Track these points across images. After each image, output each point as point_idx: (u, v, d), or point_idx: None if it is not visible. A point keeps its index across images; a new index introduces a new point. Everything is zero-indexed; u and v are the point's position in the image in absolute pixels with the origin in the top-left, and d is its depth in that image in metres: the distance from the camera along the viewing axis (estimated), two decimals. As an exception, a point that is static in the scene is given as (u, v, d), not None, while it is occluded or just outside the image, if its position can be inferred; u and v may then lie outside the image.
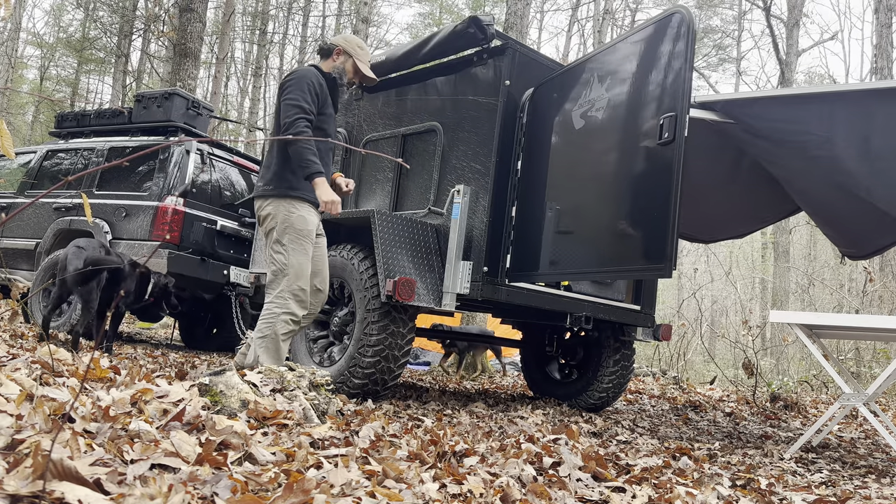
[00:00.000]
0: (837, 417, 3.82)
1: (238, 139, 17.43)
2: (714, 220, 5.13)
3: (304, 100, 3.35)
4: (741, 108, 3.44)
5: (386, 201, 4.28)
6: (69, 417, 1.71)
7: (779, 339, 11.27)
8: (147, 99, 6.74)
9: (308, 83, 3.39)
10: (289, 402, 2.38)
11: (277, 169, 3.45)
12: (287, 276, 3.35)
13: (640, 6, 22.45)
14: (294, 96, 3.35)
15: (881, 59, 12.20)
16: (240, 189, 6.72)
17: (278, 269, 3.37)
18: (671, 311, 17.69)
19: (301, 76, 3.42)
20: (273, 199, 3.43)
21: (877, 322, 3.39)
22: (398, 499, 1.56)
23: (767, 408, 5.77)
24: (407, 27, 27.76)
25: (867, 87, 3.67)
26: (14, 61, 22.17)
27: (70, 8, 25.36)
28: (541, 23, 25.35)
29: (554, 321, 4.45)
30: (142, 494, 1.29)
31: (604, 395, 4.73)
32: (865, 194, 3.42)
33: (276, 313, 3.33)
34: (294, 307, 3.34)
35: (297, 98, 3.34)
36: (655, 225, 3.04)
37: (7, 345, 3.55)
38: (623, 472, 2.41)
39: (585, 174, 3.61)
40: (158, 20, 16.47)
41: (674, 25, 3.09)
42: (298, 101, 3.34)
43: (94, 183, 6.38)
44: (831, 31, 36.35)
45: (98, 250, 4.32)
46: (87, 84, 28.57)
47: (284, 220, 3.39)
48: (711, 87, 22.09)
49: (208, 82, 21.89)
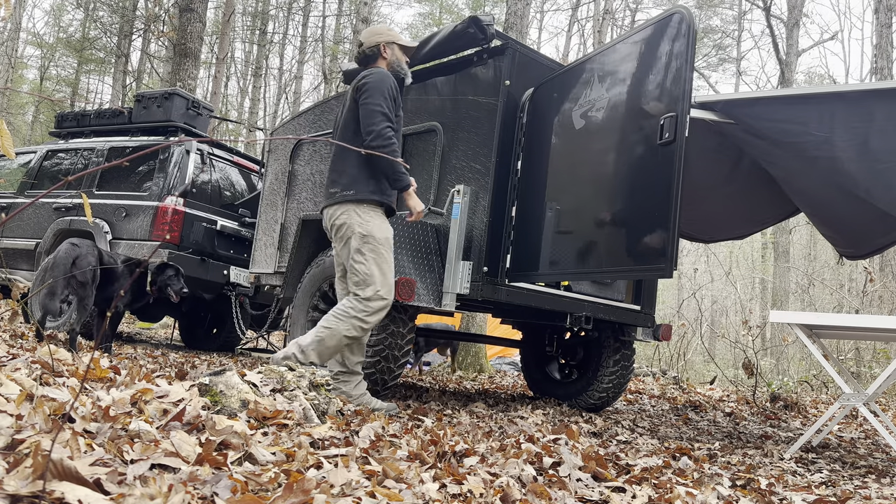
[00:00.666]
0: (837, 417, 3.82)
1: (238, 139, 17.43)
2: (714, 220, 5.13)
3: (387, 106, 3.29)
4: (741, 109, 3.44)
5: (386, 201, 4.28)
6: (69, 417, 1.71)
7: (779, 339, 11.27)
8: (147, 99, 6.74)
9: (388, 87, 3.33)
10: (289, 402, 2.38)
11: (356, 173, 3.37)
12: (371, 285, 3.31)
13: (640, 6, 22.46)
14: (377, 101, 3.27)
15: (881, 59, 12.20)
16: (240, 189, 6.72)
17: (360, 280, 3.31)
18: (671, 311, 17.69)
19: (380, 79, 3.34)
20: (351, 205, 3.35)
21: (877, 322, 3.39)
22: (398, 499, 1.56)
23: (767, 408, 5.77)
24: (407, 27, 27.76)
25: (867, 88, 3.66)
26: (14, 61, 22.18)
27: (70, 8, 25.37)
28: (541, 23, 25.37)
29: (554, 321, 4.45)
30: (142, 494, 1.29)
31: (604, 395, 4.73)
32: (865, 194, 3.42)
33: (350, 314, 3.27)
34: (369, 317, 3.30)
35: (380, 104, 3.27)
36: (656, 225, 3.04)
37: (7, 345, 3.55)
38: (623, 472, 2.41)
39: (585, 174, 3.61)
40: (158, 20, 16.48)
41: (674, 25, 3.09)
42: (382, 108, 3.27)
43: (94, 183, 6.38)
44: (831, 31, 36.38)
45: (90, 249, 4.28)
46: (87, 84, 28.59)
47: (362, 229, 3.34)
48: (711, 87, 22.11)
49: (208, 82, 21.90)
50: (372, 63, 3.52)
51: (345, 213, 3.37)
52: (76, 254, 4.15)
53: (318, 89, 24.79)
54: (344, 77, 4.82)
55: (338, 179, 3.41)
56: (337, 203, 3.40)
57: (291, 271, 4.41)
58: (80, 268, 4.09)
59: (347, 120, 3.45)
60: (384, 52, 3.50)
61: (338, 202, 3.39)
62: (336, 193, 3.41)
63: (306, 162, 4.96)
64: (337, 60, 18.74)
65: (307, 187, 4.90)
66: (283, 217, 5.03)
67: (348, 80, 4.74)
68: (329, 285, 4.13)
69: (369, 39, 3.53)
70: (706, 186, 4.53)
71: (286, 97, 25.48)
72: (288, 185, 5.06)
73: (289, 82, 25.49)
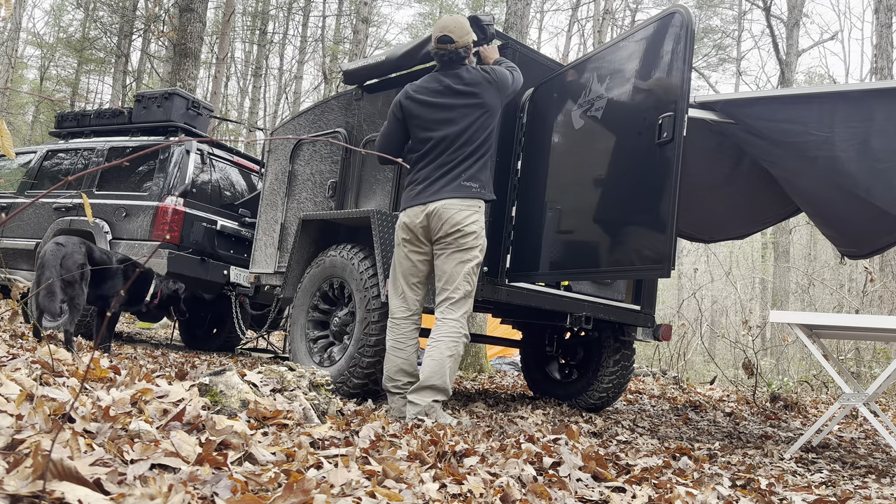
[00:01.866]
0: (837, 417, 3.82)
1: (238, 139, 17.43)
2: (714, 220, 5.13)
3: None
4: (741, 108, 3.44)
5: (386, 201, 4.28)
6: (69, 417, 1.71)
7: (779, 339, 11.27)
8: (147, 99, 6.74)
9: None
10: (289, 402, 2.38)
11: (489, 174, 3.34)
12: (472, 299, 3.31)
13: (640, 6, 22.45)
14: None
15: (881, 59, 12.20)
16: (240, 189, 6.72)
17: (471, 291, 3.29)
18: (671, 311, 17.69)
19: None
20: (483, 207, 3.30)
21: (877, 322, 3.39)
22: (398, 499, 1.56)
23: (767, 408, 5.77)
24: (407, 27, 27.78)
25: (867, 87, 3.67)
26: (14, 61, 22.18)
27: (70, 8, 25.37)
28: (541, 23, 25.37)
29: (554, 321, 4.45)
30: (142, 494, 1.29)
31: (604, 395, 4.73)
32: (865, 194, 3.42)
33: (462, 334, 3.28)
34: (467, 330, 3.36)
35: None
36: (654, 225, 3.04)
37: (7, 345, 3.55)
38: (623, 472, 2.41)
39: (585, 174, 3.61)
40: (158, 20, 16.47)
41: (673, 25, 3.09)
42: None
43: (94, 183, 6.38)
44: (831, 31, 36.37)
45: (76, 247, 4.19)
46: (87, 84, 28.59)
47: (484, 239, 3.32)
48: (711, 87, 22.11)
49: (208, 82, 21.89)
50: (459, 63, 3.34)
51: (478, 218, 3.27)
52: (62, 253, 4.06)
53: (318, 89, 24.81)
54: (344, 77, 4.81)
55: (477, 174, 3.28)
56: (476, 197, 3.26)
57: (291, 271, 4.41)
58: (67, 268, 4.03)
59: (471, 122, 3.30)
60: (471, 50, 3.41)
61: (475, 196, 3.26)
62: (476, 189, 3.27)
63: (306, 162, 4.96)
64: (337, 60, 18.74)
65: (307, 187, 4.90)
66: (283, 217, 5.04)
67: (349, 80, 4.73)
68: (329, 285, 4.13)
69: (463, 38, 3.32)
70: (706, 186, 4.53)
71: (286, 97, 25.48)
72: (288, 185, 5.06)
73: (289, 82, 25.49)
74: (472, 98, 3.31)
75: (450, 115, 3.31)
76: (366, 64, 4.61)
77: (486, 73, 3.35)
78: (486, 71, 3.36)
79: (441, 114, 3.33)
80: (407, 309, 3.41)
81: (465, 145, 3.29)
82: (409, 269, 3.40)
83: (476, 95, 3.32)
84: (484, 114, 3.32)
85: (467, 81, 3.32)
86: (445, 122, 3.32)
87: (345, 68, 4.83)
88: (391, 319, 3.44)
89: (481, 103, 3.32)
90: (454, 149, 3.30)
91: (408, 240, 3.37)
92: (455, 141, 3.30)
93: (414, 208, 3.33)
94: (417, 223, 3.31)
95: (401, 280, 3.42)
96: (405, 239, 3.38)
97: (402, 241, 3.40)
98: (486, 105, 3.32)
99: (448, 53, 3.33)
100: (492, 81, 3.34)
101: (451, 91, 3.33)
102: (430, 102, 3.36)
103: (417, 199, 3.33)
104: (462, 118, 3.30)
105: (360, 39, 13.53)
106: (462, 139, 3.29)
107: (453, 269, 3.27)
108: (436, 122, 3.34)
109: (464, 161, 3.28)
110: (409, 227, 3.34)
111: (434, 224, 3.27)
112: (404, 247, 3.40)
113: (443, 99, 3.33)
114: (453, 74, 3.34)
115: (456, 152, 3.29)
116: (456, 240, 3.25)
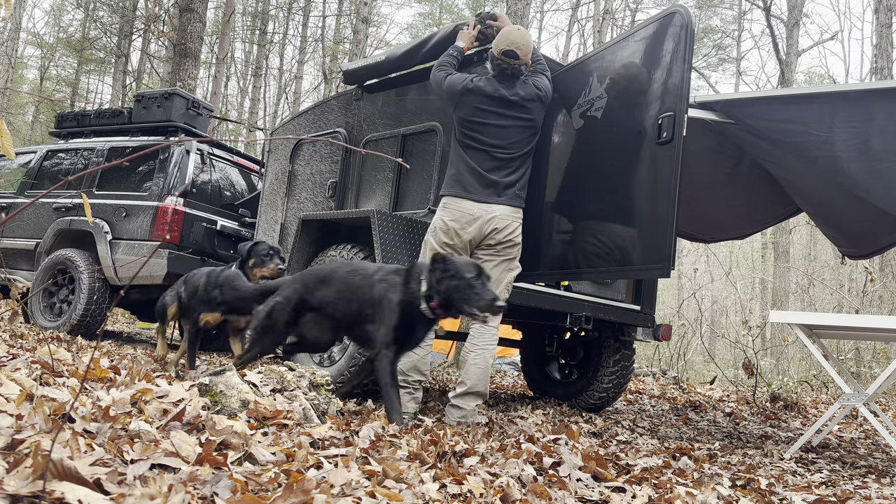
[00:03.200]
0: (837, 417, 3.82)
1: (238, 139, 17.43)
2: (714, 220, 5.13)
3: None
4: (741, 108, 3.44)
5: (386, 201, 4.28)
6: (69, 417, 1.71)
7: (779, 339, 11.27)
8: (147, 99, 6.74)
9: None
10: (289, 402, 2.38)
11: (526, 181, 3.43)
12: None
13: (640, 6, 22.45)
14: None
15: (881, 59, 12.20)
16: (240, 189, 6.72)
17: (507, 300, 3.33)
18: (671, 311, 17.69)
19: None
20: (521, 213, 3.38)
21: (877, 322, 3.39)
22: (398, 499, 1.56)
23: (767, 408, 5.77)
24: (407, 27, 27.77)
25: (867, 87, 3.67)
26: (14, 61, 22.18)
27: (70, 8, 25.37)
28: (541, 23, 25.35)
29: (554, 321, 4.45)
30: (142, 494, 1.29)
31: (604, 395, 4.73)
32: (865, 194, 3.42)
33: (497, 341, 3.38)
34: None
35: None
36: (654, 224, 3.04)
37: (7, 345, 3.55)
38: (623, 472, 2.41)
39: (585, 174, 3.61)
40: (158, 20, 16.47)
41: (672, 25, 3.09)
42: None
43: (94, 183, 6.38)
44: (831, 31, 36.37)
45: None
46: (87, 84, 28.58)
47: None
48: (711, 87, 22.09)
49: (208, 82, 21.89)
50: (517, 78, 3.43)
51: (519, 225, 3.36)
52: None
53: (318, 89, 24.80)
54: (344, 77, 4.81)
55: (518, 180, 3.37)
56: (519, 207, 3.37)
57: (291, 271, 4.41)
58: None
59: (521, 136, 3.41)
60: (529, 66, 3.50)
61: (520, 206, 3.37)
62: (522, 198, 3.38)
63: (306, 162, 4.96)
64: (337, 60, 18.74)
65: (307, 187, 4.90)
66: (283, 217, 5.03)
67: (349, 80, 4.73)
68: (329, 285, 4.12)
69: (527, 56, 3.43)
70: (707, 186, 4.53)
71: (286, 97, 25.47)
72: (288, 185, 5.06)
73: (289, 82, 25.49)
74: (524, 112, 3.42)
75: (501, 123, 3.40)
76: (366, 64, 4.62)
77: (539, 90, 3.44)
78: (539, 88, 3.44)
79: (493, 120, 3.41)
80: None
81: (515, 157, 3.39)
82: None
83: (528, 111, 3.42)
84: (531, 129, 3.44)
85: (522, 97, 3.41)
86: (497, 129, 3.40)
87: (345, 68, 4.83)
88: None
89: (531, 119, 3.43)
90: (506, 159, 3.39)
91: (446, 243, 3.36)
92: (506, 150, 3.39)
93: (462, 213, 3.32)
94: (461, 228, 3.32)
95: None
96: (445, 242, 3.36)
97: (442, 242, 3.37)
98: (535, 122, 3.45)
99: (510, 68, 3.43)
100: (543, 100, 3.46)
101: (503, 101, 3.41)
102: (479, 106, 3.42)
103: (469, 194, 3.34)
104: (513, 130, 3.40)
105: (360, 39, 13.53)
106: (512, 150, 3.39)
107: (499, 277, 3.33)
108: (486, 127, 3.41)
109: (515, 172, 3.39)
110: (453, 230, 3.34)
111: (486, 229, 3.32)
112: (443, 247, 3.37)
113: (494, 106, 3.41)
114: (509, 86, 3.42)
115: (509, 163, 3.39)
116: (506, 248, 3.34)
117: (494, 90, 3.41)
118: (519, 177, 3.39)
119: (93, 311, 5.82)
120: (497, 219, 3.31)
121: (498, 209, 3.32)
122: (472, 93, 3.43)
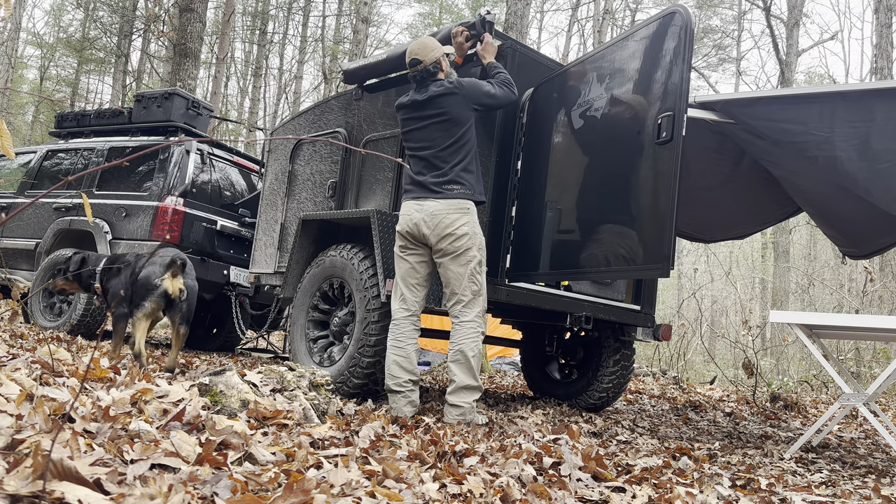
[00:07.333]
0: (837, 417, 3.82)
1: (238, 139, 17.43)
2: (715, 220, 5.13)
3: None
4: (741, 108, 3.44)
5: (386, 201, 4.28)
6: (69, 417, 1.71)
7: (779, 339, 11.27)
8: (147, 99, 6.74)
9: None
10: (289, 402, 2.38)
11: (475, 173, 3.48)
12: (483, 296, 3.41)
13: (640, 6, 22.45)
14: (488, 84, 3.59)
15: (881, 59, 12.20)
16: (240, 189, 6.72)
17: (478, 290, 3.39)
18: (671, 311, 17.69)
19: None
20: (472, 208, 3.40)
21: (877, 322, 3.39)
22: (398, 499, 1.56)
23: (767, 408, 5.77)
24: (407, 27, 27.75)
25: (867, 87, 3.66)
26: (14, 61, 22.17)
27: (70, 8, 25.37)
28: (541, 23, 25.36)
29: (554, 321, 4.45)
30: (142, 494, 1.29)
31: (604, 395, 4.73)
32: (865, 194, 3.42)
33: (479, 332, 3.38)
34: (484, 327, 3.44)
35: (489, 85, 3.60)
36: (654, 224, 3.04)
37: (7, 345, 3.55)
38: (623, 472, 2.41)
39: (585, 174, 3.61)
40: (158, 20, 16.47)
41: (672, 24, 3.09)
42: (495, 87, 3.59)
43: (94, 183, 6.38)
44: (831, 31, 36.32)
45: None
46: (87, 84, 28.58)
47: (480, 237, 3.44)
48: (711, 87, 22.09)
49: (208, 82, 21.89)
50: (432, 78, 3.53)
51: (467, 220, 3.38)
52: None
53: (318, 89, 24.80)
54: (344, 77, 4.81)
55: (461, 176, 3.41)
56: (465, 197, 3.39)
57: (291, 271, 4.41)
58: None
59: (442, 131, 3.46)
60: (442, 65, 3.57)
61: (465, 197, 3.39)
62: (460, 191, 3.40)
63: (306, 162, 4.96)
64: (337, 60, 18.74)
65: (307, 187, 4.90)
66: (283, 217, 5.04)
67: (349, 79, 4.73)
68: (329, 285, 4.13)
69: (429, 56, 3.52)
70: (706, 186, 4.53)
71: (286, 97, 25.48)
72: (288, 185, 5.06)
73: (289, 82, 25.49)
74: (436, 108, 3.48)
75: (419, 125, 3.53)
76: (366, 64, 4.61)
77: (452, 84, 3.50)
78: (451, 82, 3.51)
79: (412, 125, 3.55)
80: (406, 310, 3.49)
81: (440, 151, 3.46)
82: (406, 270, 3.50)
83: (440, 105, 3.48)
84: (449, 121, 3.47)
85: (432, 94, 3.49)
86: (417, 132, 3.53)
87: (345, 68, 4.83)
88: (392, 320, 3.52)
89: (444, 111, 3.48)
90: (431, 157, 3.47)
91: (402, 245, 3.51)
92: (429, 149, 3.48)
93: (404, 216, 3.48)
94: (406, 231, 3.45)
95: (399, 282, 3.51)
96: (401, 245, 3.52)
97: (399, 246, 3.54)
98: (449, 113, 3.48)
99: (418, 73, 3.55)
100: (456, 91, 3.48)
101: (416, 105, 3.54)
102: (404, 118, 3.60)
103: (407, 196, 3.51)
104: (432, 128, 3.49)
105: (360, 39, 13.52)
106: (434, 147, 3.47)
107: (455, 273, 3.38)
108: (411, 133, 3.57)
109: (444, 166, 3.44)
110: (401, 233, 3.49)
111: (425, 231, 3.39)
112: (401, 250, 3.52)
113: (411, 113, 3.56)
114: (423, 90, 3.54)
115: (436, 159, 3.46)
116: (450, 244, 3.36)
117: (409, 99, 3.58)
118: (449, 170, 3.41)
119: (93, 311, 5.82)
120: (433, 214, 3.37)
121: (432, 204, 3.39)
122: (398, 110, 3.64)
